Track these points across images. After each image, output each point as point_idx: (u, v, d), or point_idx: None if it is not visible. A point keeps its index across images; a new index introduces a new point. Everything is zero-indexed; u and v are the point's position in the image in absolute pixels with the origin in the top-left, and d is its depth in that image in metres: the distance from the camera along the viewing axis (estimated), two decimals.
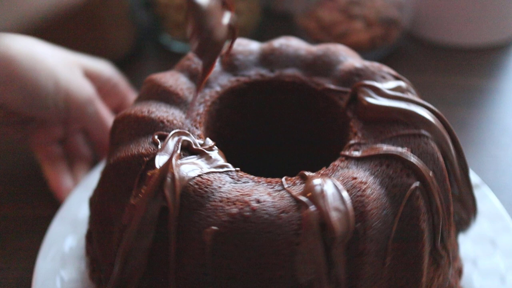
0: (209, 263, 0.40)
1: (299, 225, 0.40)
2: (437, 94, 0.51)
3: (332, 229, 0.39)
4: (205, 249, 0.40)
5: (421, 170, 0.44)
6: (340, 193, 0.41)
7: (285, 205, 0.41)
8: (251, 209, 0.40)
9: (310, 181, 0.42)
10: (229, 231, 0.40)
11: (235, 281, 0.40)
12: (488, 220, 0.58)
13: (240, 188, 0.42)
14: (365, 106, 0.49)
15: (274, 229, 0.40)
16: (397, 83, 0.51)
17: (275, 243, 0.39)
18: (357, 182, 0.42)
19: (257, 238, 0.40)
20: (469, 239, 0.57)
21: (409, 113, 0.47)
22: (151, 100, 0.50)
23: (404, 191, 0.43)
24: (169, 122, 0.47)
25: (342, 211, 0.40)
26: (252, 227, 0.40)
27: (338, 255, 0.39)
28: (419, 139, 0.46)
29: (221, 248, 0.40)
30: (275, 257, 0.39)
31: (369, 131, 0.48)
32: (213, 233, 0.40)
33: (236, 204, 0.41)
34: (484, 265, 0.54)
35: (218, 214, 0.40)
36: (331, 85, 0.52)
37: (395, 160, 0.44)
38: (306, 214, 0.39)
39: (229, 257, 0.40)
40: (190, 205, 0.41)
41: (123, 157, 0.45)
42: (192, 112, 0.49)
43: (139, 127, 0.47)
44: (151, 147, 0.45)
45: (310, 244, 0.39)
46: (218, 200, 0.41)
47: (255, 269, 0.40)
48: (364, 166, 0.45)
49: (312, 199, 0.40)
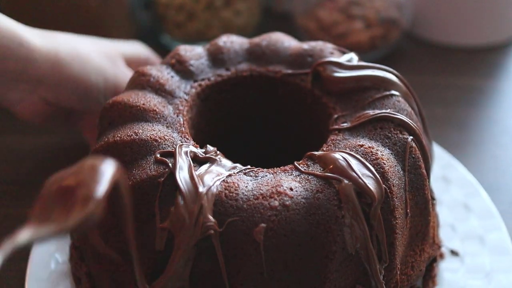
0: (264, 260, 0.40)
1: (338, 200, 0.42)
2: (437, 94, 0.52)
3: (370, 194, 0.42)
4: (258, 249, 0.40)
5: (410, 124, 0.48)
6: (362, 161, 0.44)
7: (316, 186, 0.42)
8: (289, 197, 0.41)
9: (325, 158, 0.44)
10: (277, 224, 0.40)
11: (290, 271, 0.41)
12: (458, 187, 0.61)
13: (265, 182, 0.43)
14: (334, 80, 0.51)
15: (316, 209, 0.41)
16: (349, 56, 0.54)
17: (323, 222, 0.41)
18: (367, 148, 0.45)
19: (304, 223, 0.41)
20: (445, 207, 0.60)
21: (377, 78, 0.51)
22: (129, 122, 0.48)
23: (403, 146, 0.47)
24: (161, 139, 0.46)
25: (371, 176, 0.43)
26: (296, 213, 0.41)
27: (376, 217, 0.42)
28: (392, 98, 0.50)
29: (272, 243, 0.40)
30: (325, 235, 0.41)
31: (344, 103, 0.51)
32: (263, 230, 0.40)
33: (273, 197, 0.41)
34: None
35: (260, 211, 0.41)
36: (288, 70, 0.54)
37: (385, 121, 0.48)
38: (342, 188, 0.42)
39: (281, 249, 0.41)
40: (227, 211, 0.41)
41: (131, 186, 0.43)
42: (175, 125, 0.48)
43: (133, 151, 0.45)
44: (159, 168, 0.43)
45: (353, 214, 0.41)
46: (253, 199, 0.42)
47: (308, 253, 0.41)
48: (360, 134, 0.47)
49: (340, 172, 0.42)
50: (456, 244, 0.56)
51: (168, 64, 0.54)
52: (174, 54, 0.55)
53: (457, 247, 0.56)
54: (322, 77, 0.52)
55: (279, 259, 0.41)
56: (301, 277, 0.41)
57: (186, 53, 0.55)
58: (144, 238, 0.42)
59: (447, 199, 0.61)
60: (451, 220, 0.59)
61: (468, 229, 0.57)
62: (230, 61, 0.55)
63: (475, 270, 0.54)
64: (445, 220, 0.58)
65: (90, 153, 0.50)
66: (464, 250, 0.55)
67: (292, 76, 0.54)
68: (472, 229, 0.57)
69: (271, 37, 0.57)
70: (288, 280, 0.41)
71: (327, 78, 0.52)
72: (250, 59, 0.56)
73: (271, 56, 0.56)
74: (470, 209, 0.59)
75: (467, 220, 0.58)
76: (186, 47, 0.56)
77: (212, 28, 0.87)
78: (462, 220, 0.58)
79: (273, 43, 0.56)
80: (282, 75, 0.54)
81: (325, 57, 0.54)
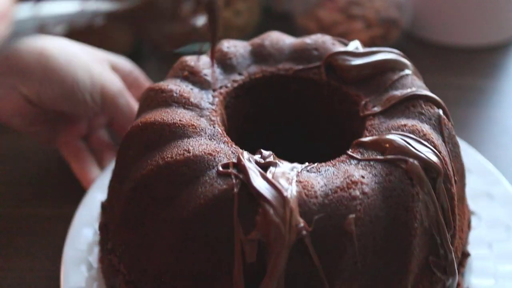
0: (357, 250, 0.41)
1: (409, 178, 0.43)
2: (437, 94, 0.52)
3: (436, 168, 0.44)
4: (352, 240, 0.41)
5: (436, 98, 0.50)
6: (415, 139, 0.45)
7: (383, 170, 0.44)
8: (365, 185, 0.42)
9: (379, 142, 0.45)
10: (363, 212, 0.41)
11: (379, 256, 0.42)
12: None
13: (333, 175, 0.43)
14: (350, 68, 0.53)
15: (392, 191, 0.43)
16: (354, 44, 0.55)
17: (401, 202, 0.42)
18: (411, 127, 0.47)
19: (384, 207, 0.42)
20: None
21: (390, 61, 0.53)
22: (172, 141, 0.46)
23: (438, 119, 0.49)
24: (214, 152, 0.44)
25: (430, 151, 0.45)
26: (376, 199, 0.42)
27: (441, 189, 0.44)
28: (408, 78, 0.53)
29: (362, 231, 0.41)
30: (406, 214, 0.42)
31: (365, 89, 0.52)
32: (353, 220, 0.41)
33: (351, 187, 0.42)
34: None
35: (344, 203, 0.41)
36: (298, 66, 0.55)
37: (415, 99, 0.50)
38: (410, 166, 0.43)
39: (370, 236, 0.41)
40: (311, 210, 0.41)
41: (201, 204, 0.41)
42: (216, 136, 0.47)
43: (190, 169, 0.43)
44: (227, 180, 0.42)
45: (425, 189, 0.43)
46: (331, 193, 0.42)
47: (394, 235, 0.42)
48: (396, 115, 0.49)
49: (403, 152, 0.44)
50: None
51: (181, 77, 0.53)
52: (184, 66, 0.54)
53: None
54: (336, 68, 0.53)
55: (369, 246, 0.41)
56: (389, 259, 0.42)
57: (196, 63, 0.54)
58: (225, 255, 0.41)
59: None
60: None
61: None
62: (240, 66, 0.55)
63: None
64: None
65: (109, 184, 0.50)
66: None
67: (305, 71, 0.55)
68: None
69: (270, 36, 0.58)
70: (378, 265, 0.42)
71: (342, 68, 0.53)
72: (257, 61, 0.55)
73: (277, 55, 0.56)
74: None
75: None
76: (191, 58, 0.55)
77: None
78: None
79: (275, 42, 0.57)
80: (294, 72, 0.55)
81: (329, 49, 0.55)
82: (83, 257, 0.54)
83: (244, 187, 0.41)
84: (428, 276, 0.45)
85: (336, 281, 0.41)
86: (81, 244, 0.55)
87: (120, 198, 0.47)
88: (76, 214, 0.57)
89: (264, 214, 0.40)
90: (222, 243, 0.41)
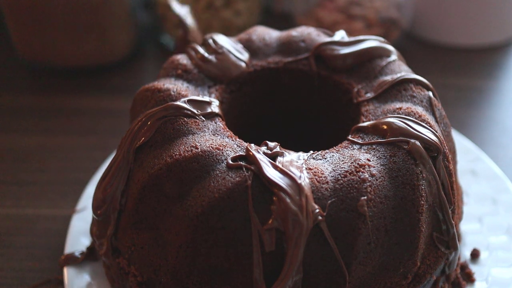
0: (370, 231, 0.42)
1: (412, 158, 0.44)
2: (437, 94, 0.52)
3: (437, 146, 0.45)
4: (365, 221, 0.42)
5: (424, 81, 0.52)
6: (413, 120, 0.47)
7: (386, 152, 0.45)
8: (372, 167, 0.43)
9: (378, 126, 0.46)
10: (373, 194, 0.42)
11: (391, 234, 0.43)
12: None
13: (339, 161, 0.44)
14: (339, 57, 0.54)
15: (398, 172, 0.44)
16: (340, 34, 0.57)
17: (407, 181, 0.44)
18: (406, 109, 0.48)
19: (392, 187, 0.43)
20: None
21: (377, 48, 0.55)
22: (177, 139, 0.46)
23: (430, 102, 0.51)
24: (221, 146, 0.45)
25: (428, 131, 0.46)
26: (383, 180, 0.43)
27: (441, 167, 0.46)
28: (395, 63, 0.54)
29: (374, 212, 0.42)
30: (413, 193, 0.44)
31: (356, 76, 0.53)
32: (365, 202, 0.42)
33: (359, 170, 0.43)
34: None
35: (355, 186, 0.42)
36: (287, 58, 0.56)
37: (405, 83, 0.51)
38: (413, 146, 0.45)
39: (381, 216, 0.42)
40: (324, 195, 0.42)
41: (215, 198, 0.42)
42: (219, 131, 0.47)
43: (200, 165, 0.44)
44: (239, 173, 0.42)
45: (427, 168, 0.45)
46: (342, 177, 0.43)
47: (403, 213, 0.43)
48: (389, 99, 0.50)
49: (404, 134, 0.45)
50: None
51: (175, 76, 0.53)
52: (177, 65, 0.54)
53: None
54: (325, 58, 0.54)
55: (381, 226, 0.43)
56: (399, 238, 0.44)
57: (187, 62, 0.54)
58: (247, 241, 0.41)
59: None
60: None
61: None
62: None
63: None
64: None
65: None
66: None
67: (294, 63, 0.55)
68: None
69: (257, 30, 0.58)
70: (389, 243, 0.43)
71: (332, 57, 0.54)
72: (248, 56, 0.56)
73: (266, 49, 0.57)
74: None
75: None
76: (179, 56, 0.55)
77: (212, 28, 0.87)
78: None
79: (262, 36, 0.58)
80: (284, 64, 0.55)
81: (316, 40, 0.56)
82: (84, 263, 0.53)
83: (257, 178, 0.42)
84: (433, 252, 0.46)
85: (352, 263, 0.42)
86: (81, 246, 0.55)
87: (128, 200, 0.47)
88: (74, 217, 0.57)
89: (280, 202, 0.40)
90: (240, 235, 0.41)
